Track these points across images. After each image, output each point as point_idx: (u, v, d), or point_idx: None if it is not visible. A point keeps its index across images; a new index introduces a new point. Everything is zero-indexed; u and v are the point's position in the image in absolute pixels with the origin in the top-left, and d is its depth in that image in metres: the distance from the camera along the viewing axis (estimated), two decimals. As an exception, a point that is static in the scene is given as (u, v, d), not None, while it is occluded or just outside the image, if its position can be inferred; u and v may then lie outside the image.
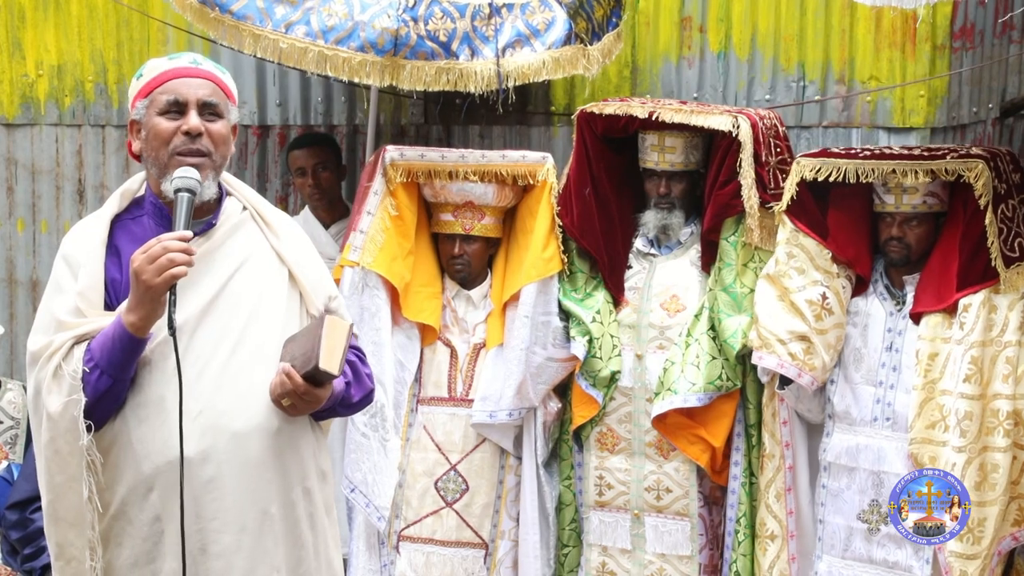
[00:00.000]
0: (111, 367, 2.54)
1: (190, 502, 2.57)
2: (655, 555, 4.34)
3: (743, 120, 4.17)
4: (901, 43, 5.09)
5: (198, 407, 2.59)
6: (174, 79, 2.68)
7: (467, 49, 4.17)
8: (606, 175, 4.42)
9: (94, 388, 2.54)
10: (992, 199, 3.83)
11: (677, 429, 4.25)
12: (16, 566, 4.10)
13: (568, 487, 4.45)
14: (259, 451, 2.64)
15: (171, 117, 2.65)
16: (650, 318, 4.34)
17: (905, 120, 5.12)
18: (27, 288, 5.70)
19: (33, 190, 5.67)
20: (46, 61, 5.59)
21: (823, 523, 4.13)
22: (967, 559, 3.77)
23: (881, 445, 4.00)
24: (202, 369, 2.62)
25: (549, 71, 4.25)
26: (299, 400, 2.63)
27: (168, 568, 2.60)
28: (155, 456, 2.57)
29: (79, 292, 2.61)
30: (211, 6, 4.14)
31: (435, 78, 4.18)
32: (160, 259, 2.49)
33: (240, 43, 4.14)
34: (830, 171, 4.01)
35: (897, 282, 4.08)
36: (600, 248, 4.40)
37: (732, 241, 4.24)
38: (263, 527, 2.66)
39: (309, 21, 4.12)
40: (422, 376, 4.40)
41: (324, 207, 5.04)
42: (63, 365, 2.56)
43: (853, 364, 4.08)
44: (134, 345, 2.55)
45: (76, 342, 2.58)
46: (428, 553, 4.34)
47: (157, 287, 2.49)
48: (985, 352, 3.81)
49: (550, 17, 4.26)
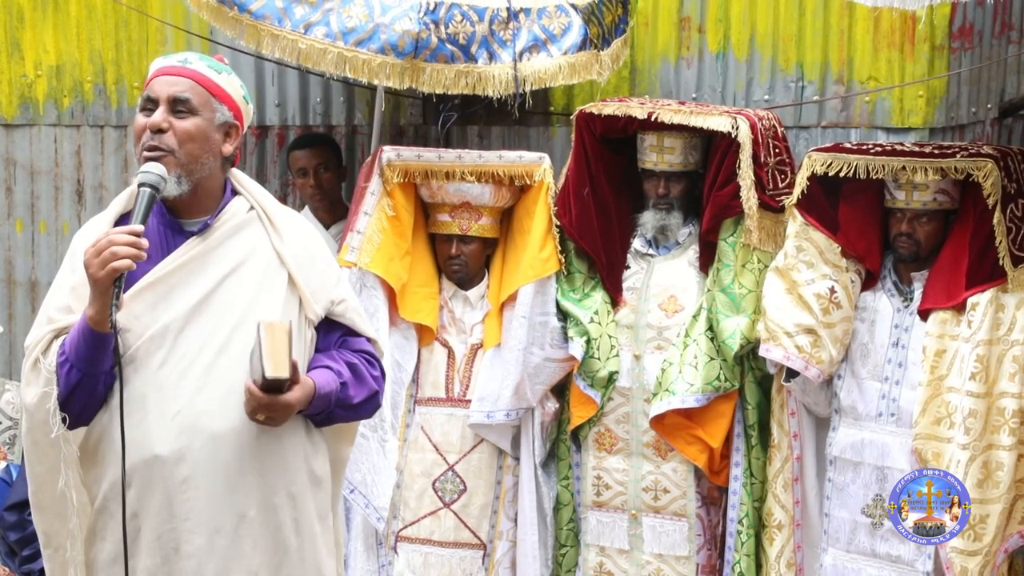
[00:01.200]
0: (79, 360, 2.58)
1: (164, 501, 2.60)
2: (653, 555, 4.34)
3: (742, 121, 4.17)
4: (900, 43, 5.09)
5: (176, 407, 2.61)
6: (157, 76, 2.72)
7: (485, 53, 4.18)
8: (605, 175, 4.42)
9: (65, 381, 2.59)
10: (1001, 198, 3.85)
11: (675, 430, 4.25)
12: (15, 567, 4.10)
13: (566, 487, 4.45)
14: (236, 454, 2.64)
15: (146, 114, 2.68)
16: (648, 318, 4.34)
17: (904, 120, 5.12)
18: (26, 289, 5.70)
19: (32, 190, 5.67)
20: (45, 62, 5.59)
21: (828, 516, 4.16)
22: (968, 555, 3.79)
23: (886, 440, 4.02)
24: (185, 369, 2.62)
25: (565, 76, 4.28)
26: (270, 411, 2.60)
27: (142, 565, 2.62)
28: (132, 453, 2.58)
29: (72, 287, 2.65)
30: (229, 5, 4.12)
31: (454, 81, 4.19)
32: (104, 252, 2.50)
33: (259, 43, 4.13)
34: (841, 166, 4.03)
35: (905, 278, 4.10)
36: (598, 248, 4.40)
37: (731, 242, 4.24)
38: (239, 530, 2.65)
39: (329, 22, 4.11)
40: (419, 376, 4.40)
41: (325, 208, 5.04)
42: (41, 359, 2.61)
43: (860, 359, 4.10)
44: (96, 339, 2.56)
45: (55, 336, 2.63)
46: (426, 554, 4.34)
47: (102, 280, 2.50)
48: (992, 350, 3.83)
49: (566, 23, 4.28)
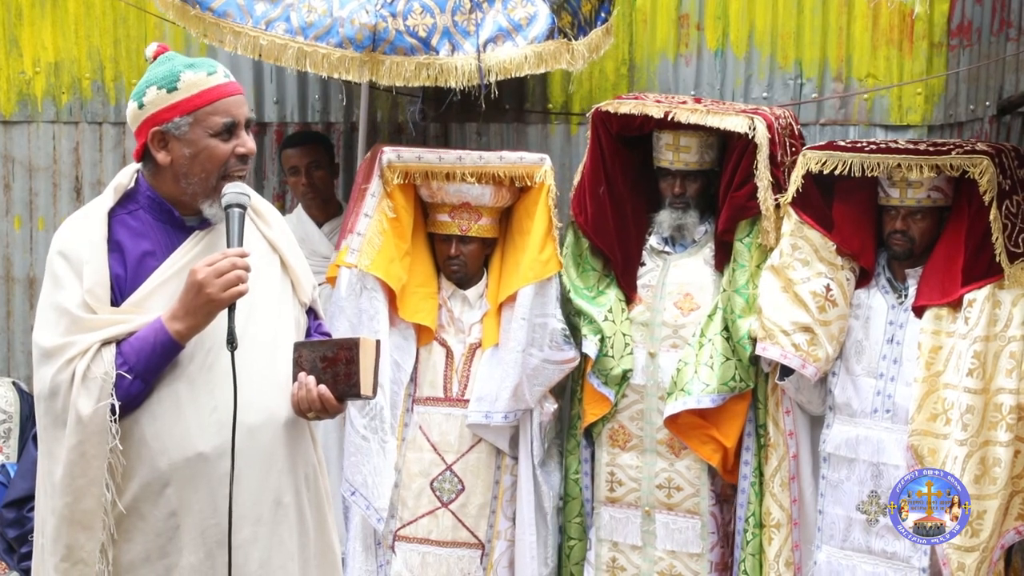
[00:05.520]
0: (147, 372, 2.58)
1: (208, 496, 2.61)
2: (665, 552, 4.35)
3: (759, 121, 4.16)
4: (898, 41, 5.08)
5: (212, 402, 2.62)
6: (222, 99, 2.67)
7: (447, 44, 4.16)
8: (620, 174, 4.42)
9: (126, 392, 2.57)
10: (997, 195, 3.86)
11: (689, 429, 4.26)
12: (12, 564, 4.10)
13: (576, 481, 4.45)
14: (270, 443, 2.68)
15: (224, 139, 2.66)
16: (663, 316, 4.34)
17: (902, 118, 5.12)
18: (24, 285, 5.70)
19: (30, 187, 5.67)
20: (43, 58, 5.58)
21: (823, 513, 4.17)
22: (965, 551, 3.81)
23: (881, 437, 4.04)
24: (212, 363, 2.64)
25: (531, 66, 4.22)
26: (325, 414, 2.72)
27: (185, 562, 2.62)
28: (172, 452, 2.59)
29: (87, 290, 2.60)
30: (192, 3, 4.14)
31: (415, 73, 4.17)
32: (228, 274, 2.54)
33: (221, 40, 4.15)
34: (835, 164, 4.03)
35: (899, 275, 4.11)
36: (614, 247, 4.40)
37: (747, 243, 4.24)
38: (277, 517, 2.71)
39: (289, 18, 4.12)
40: (418, 376, 4.40)
41: (317, 205, 5.03)
42: (92, 367, 2.56)
43: (854, 356, 4.11)
44: (175, 352, 2.59)
45: (103, 344, 2.58)
46: (424, 553, 4.34)
47: (221, 301, 2.55)
48: (988, 347, 3.84)
49: (532, 12, 4.24)
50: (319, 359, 2.70)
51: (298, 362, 2.72)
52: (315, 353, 2.71)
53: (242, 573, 2.65)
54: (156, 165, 2.71)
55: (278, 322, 2.77)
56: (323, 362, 2.70)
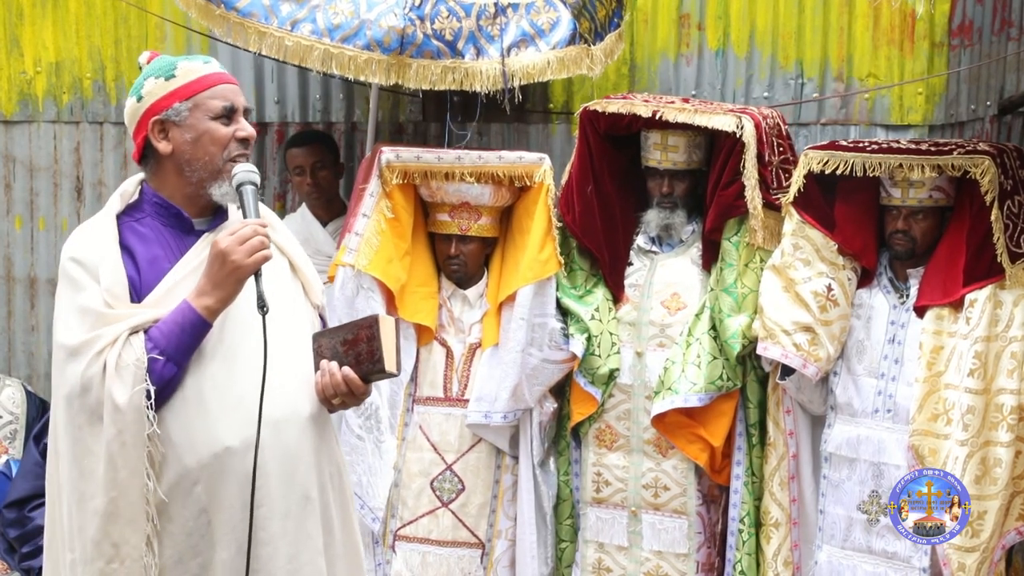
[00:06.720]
0: (178, 354, 2.56)
1: (238, 491, 2.59)
2: (652, 552, 4.34)
3: (747, 120, 4.16)
4: (899, 40, 5.08)
5: (235, 398, 2.61)
6: (219, 84, 2.70)
7: (472, 48, 4.18)
8: (608, 173, 4.42)
9: (160, 376, 2.55)
10: (998, 195, 3.86)
11: (676, 428, 4.25)
12: (13, 564, 4.10)
13: (566, 483, 4.45)
14: (296, 437, 2.68)
15: (224, 122, 2.67)
16: (650, 315, 4.34)
17: (903, 117, 5.12)
18: (25, 285, 5.70)
19: (31, 187, 5.67)
20: (44, 58, 5.58)
21: (823, 513, 4.17)
22: (966, 551, 3.80)
23: (882, 437, 4.03)
24: (233, 360, 2.63)
25: (554, 71, 4.25)
26: (352, 399, 2.70)
27: (219, 559, 2.61)
28: (199, 448, 2.58)
29: (106, 288, 2.60)
30: (216, 3, 4.13)
31: (441, 77, 4.18)
32: (251, 240, 2.55)
33: (245, 40, 4.14)
34: (837, 164, 4.03)
35: (901, 275, 4.11)
36: (601, 246, 4.40)
37: (734, 241, 4.24)
38: (305, 512, 2.70)
39: (315, 19, 4.12)
40: (418, 376, 4.39)
41: (322, 205, 5.04)
42: (124, 355, 2.54)
43: (855, 356, 4.11)
44: (205, 330, 2.58)
45: (131, 332, 2.57)
46: (424, 553, 4.34)
47: (247, 267, 2.54)
48: (990, 347, 3.84)
49: (555, 17, 4.26)
50: (339, 343, 2.69)
51: (318, 352, 2.72)
52: (334, 339, 2.71)
53: (271, 568, 2.63)
54: (158, 163, 2.71)
55: (295, 322, 2.76)
56: (344, 345, 2.69)
